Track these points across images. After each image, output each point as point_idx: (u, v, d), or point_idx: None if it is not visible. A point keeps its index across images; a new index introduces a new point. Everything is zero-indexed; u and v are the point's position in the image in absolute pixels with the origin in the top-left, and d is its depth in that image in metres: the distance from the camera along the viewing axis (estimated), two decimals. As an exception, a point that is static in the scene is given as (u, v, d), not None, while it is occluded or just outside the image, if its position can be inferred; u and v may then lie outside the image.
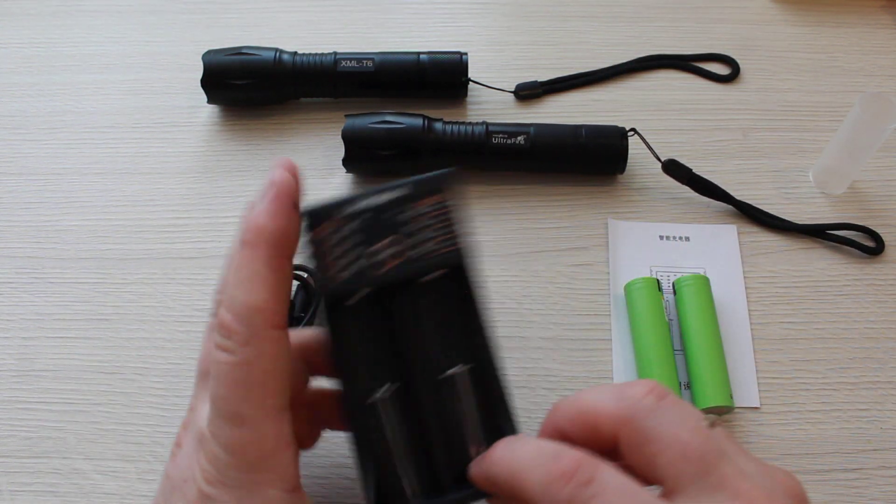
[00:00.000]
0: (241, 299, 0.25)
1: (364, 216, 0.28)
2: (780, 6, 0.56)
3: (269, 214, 0.26)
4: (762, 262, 0.44)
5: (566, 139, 0.45)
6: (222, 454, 0.25)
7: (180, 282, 0.43)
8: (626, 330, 0.41)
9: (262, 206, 0.26)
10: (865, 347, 0.41)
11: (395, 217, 0.28)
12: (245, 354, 0.25)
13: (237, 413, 0.25)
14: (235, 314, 0.25)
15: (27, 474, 0.37)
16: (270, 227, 0.26)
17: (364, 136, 0.45)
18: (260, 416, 0.25)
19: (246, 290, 0.25)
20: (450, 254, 0.28)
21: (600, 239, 0.45)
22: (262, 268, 0.25)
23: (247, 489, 0.25)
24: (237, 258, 0.26)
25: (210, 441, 0.25)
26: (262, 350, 0.25)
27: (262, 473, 0.25)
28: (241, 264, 0.26)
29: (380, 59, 0.49)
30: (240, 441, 0.25)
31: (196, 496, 0.26)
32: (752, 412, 0.39)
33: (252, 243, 0.26)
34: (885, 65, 0.53)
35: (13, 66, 0.53)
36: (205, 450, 0.26)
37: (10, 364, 0.41)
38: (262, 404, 0.25)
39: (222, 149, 0.49)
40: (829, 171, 0.46)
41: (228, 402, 0.25)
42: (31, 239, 0.45)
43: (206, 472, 0.25)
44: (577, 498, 0.23)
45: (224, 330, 0.25)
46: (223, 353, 0.25)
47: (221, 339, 0.25)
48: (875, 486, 0.37)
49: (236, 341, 0.25)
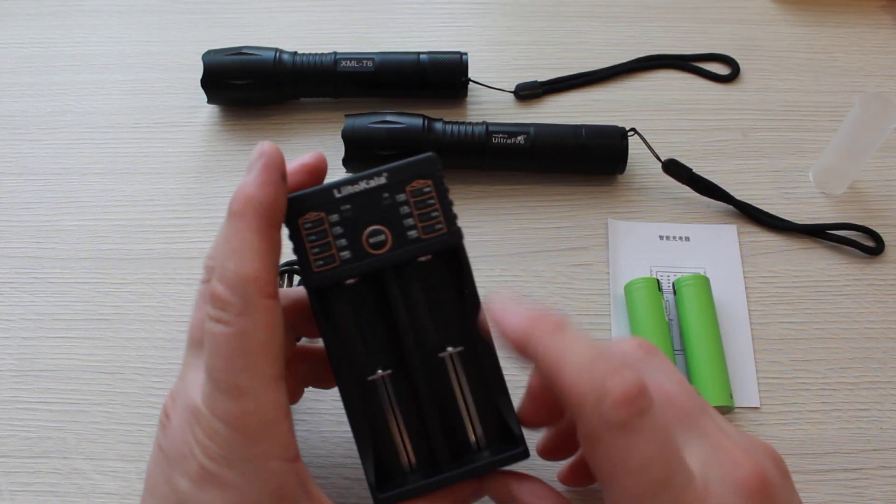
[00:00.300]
0: (233, 269, 0.25)
1: (349, 203, 0.28)
2: (780, 6, 0.56)
3: (258, 185, 0.26)
4: (762, 262, 0.44)
5: (566, 139, 0.45)
6: (222, 428, 0.25)
7: (180, 282, 0.43)
8: (626, 330, 0.41)
9: (251, 176, 0.26)
10: (865, 347, 0.41)
11: (381, 203, 0.28)
12: (240, 325, 0.25)
13: (235, 384, 0.25)
14: (228, 284, 0.25)
15: (27, 474, 0.37)
16: (259, 196, 0.26)
17: (364, 136, 0.45)
18: (258, 386, 0.25)
19: (238, 261, 0.25)
20: (438, 238, 0.28)
21: (600, 239, 0.45)
22: (252, 237, 0.25)
23: (250, 462, 0.25)
24: (226, 228, 0.26)
25: (207, 416, 0.25)
26: (257, 320, 0.25)
27: (264, 444, 0.25)
28: (231, 234, 0.25)
29: (380, 59, 0.49)
30: (240, 413, 0.25)
31: (198, 473, 0.25)
32: (752, 412, 0.39)
33: (241, 213, 0.26)
34: (885, 65, 0.53)
35: (13, 66, 0.53)
36: (201, 425, 0.25)
37: (10, 364, 0.41)
38: (259, 374, 0.25)
39: (222, 149, 0.49)
40: (829, 171, 0.46)
41: (226, 374, 0.25)
42: (31, 239, 0.45)
43: (206, 447, 0.25)
44: (629, 424, 0.23)
45: (218, 301, 0.25)
46: (218, 324, 0.25)
47: (215, 311, 0.25)
48: (875, 486, 0.37)
49: (231, 312, 0.25)
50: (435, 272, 0.29)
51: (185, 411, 0.26)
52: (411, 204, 0.28)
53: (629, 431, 0.23)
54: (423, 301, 0.29)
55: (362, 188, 0.28)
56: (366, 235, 0.28)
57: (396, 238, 0.28)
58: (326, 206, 0.28)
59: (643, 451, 0.23)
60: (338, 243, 0.28)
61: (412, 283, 0.29)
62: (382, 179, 0.28)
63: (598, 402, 0.23)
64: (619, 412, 0.23)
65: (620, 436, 0.23)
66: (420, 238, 0.28)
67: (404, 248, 0.28)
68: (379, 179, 0.28)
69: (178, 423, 0.26)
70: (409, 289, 0.29)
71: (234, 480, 0.25)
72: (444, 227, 0.28)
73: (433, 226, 0.28)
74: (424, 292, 0.29)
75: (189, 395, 0.26)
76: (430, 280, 0.29)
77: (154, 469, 0.27)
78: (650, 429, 0.23)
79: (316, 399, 0.39)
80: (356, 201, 0.28)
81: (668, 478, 0.23)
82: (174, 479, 0.26)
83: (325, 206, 0.28)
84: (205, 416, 0.25)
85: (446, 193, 0.28)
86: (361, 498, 0.36)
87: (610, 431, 0.23)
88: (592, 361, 0.24)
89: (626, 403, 0.23)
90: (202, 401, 0.25)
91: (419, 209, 0.28)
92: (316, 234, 0.28)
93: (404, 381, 0.29)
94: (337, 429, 0.38)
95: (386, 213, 0.28)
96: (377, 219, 0.28)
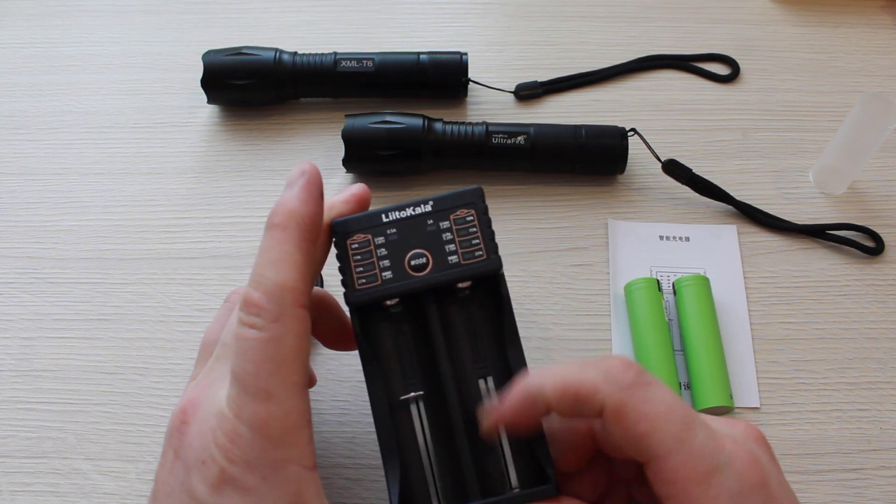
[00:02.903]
0: (271, 278, 0.26)
1: (395, 227, 0.29)
2: (780, 6, 0.56)
3: (301, 200, 0.27)
4: (762, 262, 0.44)
5: (566, 139, 0.45)
6: (246, 431, 0.25)
7: (180, 282, 0.43)
8: (626, 330, 0.41)
9: (294, 191, 0.27)
10: (865, 347, 0.41)
11: (425, 228, 0.29)
12: (274, 331, 0.25)
13: (265, 389, 0.25)
14: (265, 292, 0.26)
15: (27, 474, 0.37)
16: (302, 210, 0.27)
17: (364, 136, 0.45)
18: (285, 392, 0.26)
19: (277, 270, 0.26)
20: (477, 264, 0.29)
21: (600, 239, 0.45)
22: (293, 249, 0.26)
23: (271, 467, 0.25)
24: (267, 240, 0.27)
25: (231, 419, 0.25)
26: (290, 328, 0.26)
27: (285, 450, 0.26)
28: (270, 245, 0.27)
29: (380, 59, 0.49)
30: (266, 417, 0.25)
31: (217, 477, 0.25)
32: (752, 412, 0.39)
33: (283, 226, 0.27)
34: (885, 65, 0.53)
35: (13, 66, 0.53)
36: (224, 429, 0.25)
37: (10, 364, 0.41)
38: (287, 380, 0.26)
39: (222, 149, 0.49)
40: (829, 171, 0.46)
41: (256, 378, 0.25)
42: (31, 239, 0.45)
43: (228, 451, 0.25)
44: (640, 380, 0.25)
45: (253, 307, 0.26)
46: (251, 329, 0.26)
47: (249, 317, 0.26)
48: (875, 486, 0.37)
49: (266, 318, 0.25)
50: (474, 301, 0.30)
51: (207, 416, 0.26)
52: (454, 231, 0.29)
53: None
54: (461, 328, 0.30)
55: (408, 214, 0.30)
56: (408, 258, 0.29)
57: (437, 262, 0.29)
58: (374, 229, 0.29)
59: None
60: (381, 264, 0.29)
61: (451, 309, 0.30)
62: (428, 207, 0.30)
63: (606, 375, 0.26)
64: (626, 375, 0.26)
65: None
66: (460, 263, 0.29)
67: (444, 271, 0.29)
68: (425, 207, 0.30)
69: (198, 429, 0.27)
70: (447, 315, 0.30)
71: (254, 484, 0.25)
72: (485, 254, 0.29)
73: (473, 252, 0.29)
74: (463, 319, 0.30)
75: (213, 400, 0.27)
76: (469, 308, 0.30)
77: (167, 476, 0.27)
78: (656, 384, 0.26)
79: (316, 399, 0.39)
80: (402, 226, 0.29)
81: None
82: (192, 485, 0.26)
83: (373, 228, 0.29)
84: (229, 420, 0.25)
85: (489, 223, 0.30)
86: (361, 498, 0.36)
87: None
88: (584, 365, 0.26)
89: (624, 367, 0.26)
90: (226, 404, 0.26)
91: (461, 236, 0.29)
92: (361, 255, 0.29)
93: (437, 406, 0.29)
94: (337, 429, 0.38)
95: (429, 238, 0.29)
96: (420, 243, 0.29)
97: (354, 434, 0.38)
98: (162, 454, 0.28)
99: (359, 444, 0.38)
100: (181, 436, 0.27)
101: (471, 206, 0.30)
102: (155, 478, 0.28)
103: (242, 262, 0.44)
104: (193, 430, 0.27)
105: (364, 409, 0.39)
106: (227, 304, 0.32)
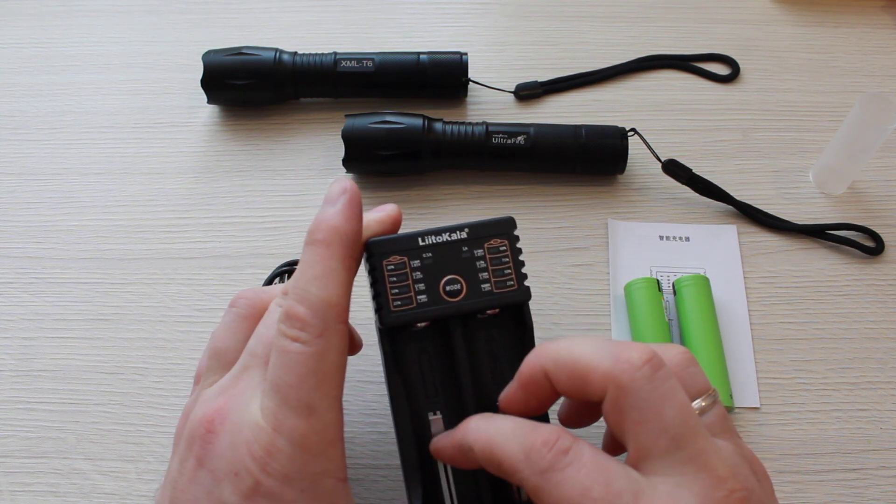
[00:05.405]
0: (316, 294, 0.26)
1: (431, 251, 0.30)
2: (780, 6, 0.56)
3: (344, 217, 0.28)
4: (762, 262, 0.44)
5: (566, 139, 0.45)
6: (286, 445, 0.25)
7: (180, 282, 0.43)
8: (626, 330, 0.41)
9: (336, 208, 0.28)
10: (865, 347, 0.41)
11: (460, 255, 0.30)
12: (319, 346, 0.26)
13: (307, 402, 0.25)
14: (310, 307, 0.26)
15: (27, 474, 0.37)
16: (345, 228, 0.27)
17: (364, 137, 0.45)
18: (326, 406, 0.26)
19: (321, 286, 0.26)
20: (508, 293, 0.30)
21: (600, 239, 0.45)
22: (337, 266, 0.27)
23: (308, 480, 0.25)
24: (309, 255, 0.27)
25: (269, 432, 0.25)
26: (333, 343, 0.26)
27: (323, 463, 0.26)
28: (314, 261, 0.27)
29: (380, 59, 0.49)
30: (307, 431, 0.25)
31: (251, 489, 0.25)
32: (752, 412, 0.39)
33: (327, 242, 0.27)
34: (885, 65, 0.53)
35: (13, 66, 0.53)
36: (261, 441, 0.25)
37: (10, 364, 0.41)
38: (329, 395, 0.26)
39: (222, 149, 0.49)
40: (829, 171, 0.46)
41: (298, 391, 0.25)
42: (31, 239, 0.45)
43: (264, 463, 0.25)
44: (557, 464, 0.25)
45: (297, 322, 0.26)
46: (294, 343, 0.26)
47: (292, 330, 0.26)
48: (875, 486, 0.37)
49: (311, 333, 0.26)
50: (499, 326, 0.31)
51: (239, 427, 0.26)
52: (487, 259, 0.30)
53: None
54: (485, 353, 0.31)
55: (444, 240, 0.30)
56: (443, 283, 0.30)
57: (471, 288, 0.30)
58: (410, 252, 0.30)
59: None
60: (416, 287, 0.29)
61: (477, 333, 0.31)
62: (464, 234, 0.30)
63: (526, 455, 0.25)
64: (544, 457, 0.25)
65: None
66: (492, 291, 0.30)
67: (477, 298, 0.30)
68: (461, 234, 0.30)
69: (230, 440, 0.26)
70: (473, 339, 0.31)
71: (290, 497, 0.25)
72: (515, 284, 0.30)
73: (505, 282, 0.30)
74: (487, 344, 0.31)
75: (245, 411, 0.26)
76: (494, 333, 0.31)
77: (188, 485, 0.27)
78: (579, 462, 0.25)
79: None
80: (438, 251, 0.30)
81: None
82: (222, 496, 0.26)
83: (409, 251, 0.30)
84: (266, 432, 0.25)
85: (519, 254, 0.30)
86: (362, 499, 0.36)
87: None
88: (513, 429, 0.26)
89: (544, 446, 0.25)
90: (262, 416, 0.26)
91: (494, 265, 0.30)
92: (397, 276, 0.29)
93: (456, 424, 0.30)
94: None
95: (464, 264, 0.30)
96: (455, 269, 0.30)
97: (355, 434, 0.38)
98: (178, 461, 0.27)
99: (359, 445, 0.38)
100: (207, 445, 0.27)
101: (504, 237, 0.30)
102: (171, 484, 0.27)
103: (242, 262, 0.44)
104: (223, 440, 0.26)
105: (364, 409, 0.39)
106: (234, 309, 0.32)
